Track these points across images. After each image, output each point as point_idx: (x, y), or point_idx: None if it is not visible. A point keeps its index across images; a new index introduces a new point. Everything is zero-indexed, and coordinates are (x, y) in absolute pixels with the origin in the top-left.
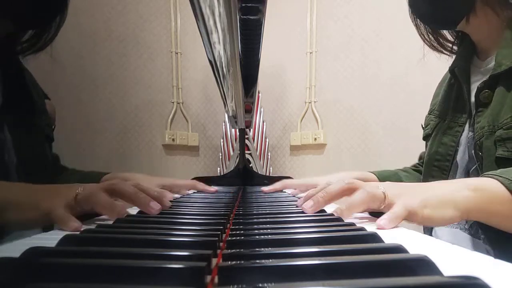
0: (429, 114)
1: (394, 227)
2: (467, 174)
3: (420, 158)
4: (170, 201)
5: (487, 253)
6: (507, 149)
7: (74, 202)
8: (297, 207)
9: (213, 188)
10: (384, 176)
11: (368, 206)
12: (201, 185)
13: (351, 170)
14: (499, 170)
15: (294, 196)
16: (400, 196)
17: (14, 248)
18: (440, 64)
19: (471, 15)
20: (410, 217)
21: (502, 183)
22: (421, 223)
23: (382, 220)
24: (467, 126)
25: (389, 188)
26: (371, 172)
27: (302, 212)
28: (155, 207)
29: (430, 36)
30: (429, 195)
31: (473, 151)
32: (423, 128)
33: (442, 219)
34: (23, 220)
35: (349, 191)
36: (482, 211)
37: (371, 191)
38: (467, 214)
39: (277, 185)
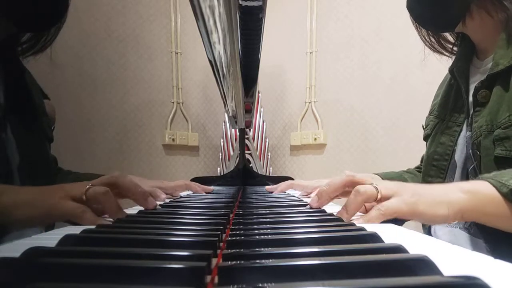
0: (429, 114)
1: (393, 227)
2: (465, 174)
3: (422, 160)
4: (171, 201)
5: (487, 252)
6: (506, 148)
7: (84, 198)
8: (297, 207)
9: (209, 188)
10: (389, 178)
11: (363, 203)
12: (194, 187)
13: (356, 173)
14: (493, 173)
15: (298, 197)
16: (394, 194)
17: (14, 248)
18: (440, 64)
19: (467, 18)
20: (401, 213)
21: (494, 185)
22: (413, 219)
23: (369, 215)
24: (465, 125)
25: (384, 186)
26: (376, 174)
27: (302, 212)
28: (152, 202)
29: (431, 38)
30: (423, 193)
31: (471, 151)
32: (423, 128)
33: (433, 216)
34: (37, 219)
35: (351, 183)
36: (475, 212)
37: (364, 191)
38: (461, 215)
39: (282, 186)
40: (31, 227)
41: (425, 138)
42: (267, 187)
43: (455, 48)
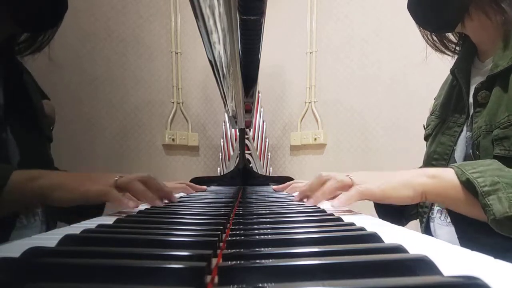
0: (430, 114)
1: (393, 227)
2: None
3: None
4: (170, 200)
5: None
6: (504, 148)
7: (114, 186)
8: (297, 207)
9: (203, 187)
10: None
11: (337, 191)
12: (189, 189)
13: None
14: (463, 162)
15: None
16: (365, 181)
17: (14, 248)
18: (440, 64)
19: (466, 20)
20: (374, 196)
21: (456, 173)
22: (383, 200)
23: (336, 200)
24: (465, 126)
25: (357, 175)
26: None
27: (302, 212)
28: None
29: (434, 37)
30: (390, 179)
31: (470, 151)
32: (425, 128)
33: (400, 197)
34: (70, 200)
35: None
36: (437, 195)
37: (340, 179)
38: (425, 196)
39: (286, 187)
40: (65, 205)
41: (426, 138)
42: (274, 187)
43: (457, 48)
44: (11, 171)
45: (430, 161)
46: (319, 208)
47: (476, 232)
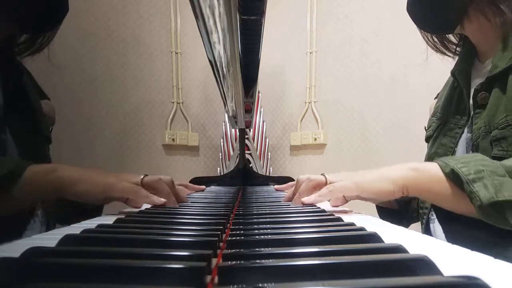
0: (432, 116)
1: (393, 227)
2: None
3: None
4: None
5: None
6: (502, 148)
7: (140, 184)
8: (297, 207)
9: (201, 187)
10: None
11: (314, 190)
12: (190, 190)
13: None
14: (446, 157)
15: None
16: (341, 179)
17: (14, 248)
18: (440, 65)
19: (465, 21)
20: (348, 191)
21: (440, 166)
22: (362, 195)
23: (320, 192)
24: (466, 128)
25: (334, 175)
26: None
27: (302, 212)
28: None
29: (434, 38)
30: (368, 174)
31: (471, 152)
32: (426, 130)
33: (379, 192)
34: (97, 194)
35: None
36: (419, 188)
37: (314, 178)
38: (406, 189)
39: (288, 187)
40: (85, 200)
41: (427, 139)
42: (275, 186)
43: (458, 49)
44: (27, 164)
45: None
46: (319, 208)
47: (462, 227)
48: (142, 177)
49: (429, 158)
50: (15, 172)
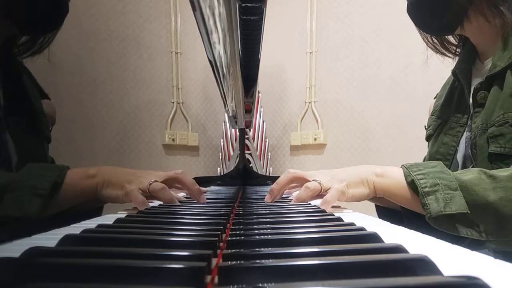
0: (432, 115)
1: (393, 227)
2: None
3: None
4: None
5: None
6: (500, 145)
7: (147, 190)
8: (297, 207)
9: (204, 189)
10: None
11: (313, 195)
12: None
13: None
14: (412, 163)
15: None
16: (330, 182)
17: (14, 248)
18: (440, 65)
19: (465, 22)
20: (340, 199)
21: (404, 173)
22: (349, 200)
23: (322, 205)
24: (467, 126)
25: (322, 178)
26: None
27: (302, 212)
28: (203, 197)
29: (434, 40)
30: (350, 177)
31: (469, 151)
32: (426, 129)
33: (360, 196)
34: (113, 197)
35: (295, 178)
36: (385, 192)
37: (311, 187)
38: (377, 192)
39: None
40: (111, 202)
41: (427, 138)
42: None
43: (458, 50)
44: (66, 170)
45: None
46: (319, 208)
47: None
48: (150, 182)
49: (431, 157)
50: (57, 182)
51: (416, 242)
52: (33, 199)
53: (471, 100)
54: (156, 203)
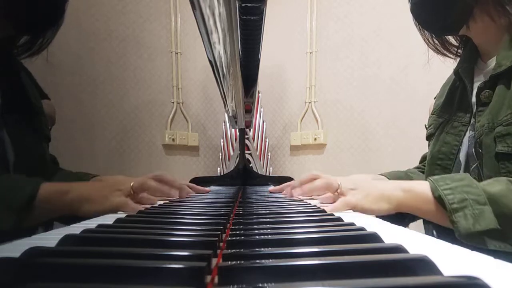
0: (432, 114)
1: (393, 227)
2: (468, 173)
3: (422, 160)
4: (170, 200)
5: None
6: (507, 145)
7: (131, 190)
8: (297, 207)
9: (206, 189)
10: (394, 177)
11: (325, 191)
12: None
13: (359, 173)
14: (438, 176)
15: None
16: (351, 190)
17: (14, 248)
18: (440, 65)
19: (471, 22)
20: (354, 208)
21: (431, 188)
22: (363, 212)
23: (335, 204)
24: (470, 125)
25: (344, 181)
26: (381, 174)
27: (302, 212)
28: (188, 191)
29: (435, 40)
30: (371, 192)
31: (473, 150)
32: (426, 128)
33: (378, 211)
34: (98, 211)
35: (317, 177)
36: (410, 207)
37: (329, 181)
38: (399, 208)
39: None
40: (92, 217)
41: (428, 138)
42: (270, 188)
43: (459, 51)
44: (38, 185)
45: (435, 160)
46: (319, 208)
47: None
48: (132, 183)
49: (433, 156)
50: (30, 195)
51: (416, 242)
52: (7, 213)
53: (474, 99)
54: (156, 203)
